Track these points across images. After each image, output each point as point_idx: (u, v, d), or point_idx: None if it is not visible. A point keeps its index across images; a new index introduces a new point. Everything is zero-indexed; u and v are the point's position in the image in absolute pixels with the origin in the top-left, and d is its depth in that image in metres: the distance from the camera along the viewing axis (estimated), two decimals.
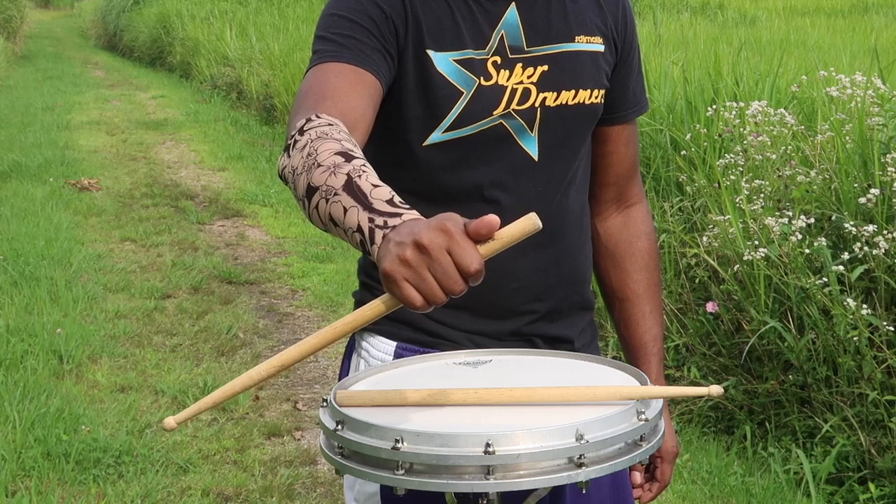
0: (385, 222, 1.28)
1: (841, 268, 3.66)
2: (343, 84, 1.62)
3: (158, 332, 5.51)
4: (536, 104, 1.74)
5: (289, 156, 1.46)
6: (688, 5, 15.13)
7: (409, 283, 1.21)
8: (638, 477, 1.94)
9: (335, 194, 1.35)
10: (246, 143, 11.13)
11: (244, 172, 9.73)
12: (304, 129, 1.47)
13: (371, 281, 1.84)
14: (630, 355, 1.98)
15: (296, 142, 1.46)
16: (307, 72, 1.68)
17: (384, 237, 1.27)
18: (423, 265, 1.20)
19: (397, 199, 1.31)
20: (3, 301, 5.77)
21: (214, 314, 5.76)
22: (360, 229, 1.30)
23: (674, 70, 6.29)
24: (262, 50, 13.42)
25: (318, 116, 1.50)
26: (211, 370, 4.93)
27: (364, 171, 1.36)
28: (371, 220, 1.29)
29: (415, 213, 1.29)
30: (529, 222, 1.22)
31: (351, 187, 1.34)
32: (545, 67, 1.75)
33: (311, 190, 1.38)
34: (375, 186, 1.34)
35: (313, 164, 1.40)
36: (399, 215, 1.28)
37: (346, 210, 1.33)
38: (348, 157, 1.39)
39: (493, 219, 1.21)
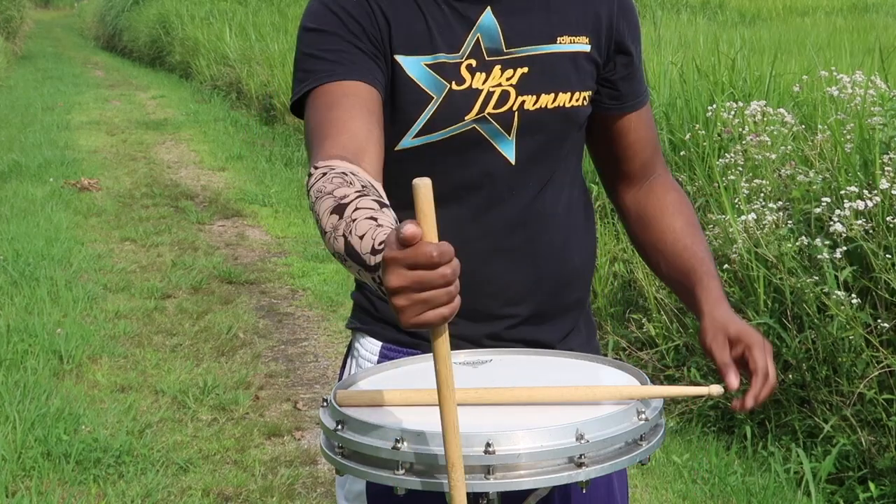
0: (378, 277, 1.28)
1: (825, 251, 3.64)
2: (340, 113, 1.60)
3: (158, 332, 5.51)
4: (514, 108, 1.71)
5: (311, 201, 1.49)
6: (687, 4, 15.11)
7: (419, 314, 1.20)
8: (734, 381, 1.73)
9: (344, 261, 1.35)
10: (246, 143, 11.13)
11: (244, 172, 9.73)
12: (307, 185, 1.47)
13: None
14: (682, 293, 1.83)
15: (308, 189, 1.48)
16: (306, 95, 1.65)
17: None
18: (410, 296, 1.20)
19: (377, 241, 1.29)
20: (3, 301, 5.77)
21: (214, 314, 5.76)
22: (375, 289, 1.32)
23: (673, 70, 6.28)
24: (262, 50, 13.42)
25: (315, 168, 1.48)
26: (211, 370, 4.93)
27: (354, 221, 1.34)
28: (374, 280, 1.29)
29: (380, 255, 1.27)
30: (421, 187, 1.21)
31: (351, 250, 1.32)
32: (525, 69, 1.71)
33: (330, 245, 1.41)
34: (361, 237, 1.31)
35: (320, 228, 1.41)
36: (378, 266, 1.27)
37: (359, 274, 1.34)
38: (340, 212, 1.37)
39: (414, 231, 1.19)
